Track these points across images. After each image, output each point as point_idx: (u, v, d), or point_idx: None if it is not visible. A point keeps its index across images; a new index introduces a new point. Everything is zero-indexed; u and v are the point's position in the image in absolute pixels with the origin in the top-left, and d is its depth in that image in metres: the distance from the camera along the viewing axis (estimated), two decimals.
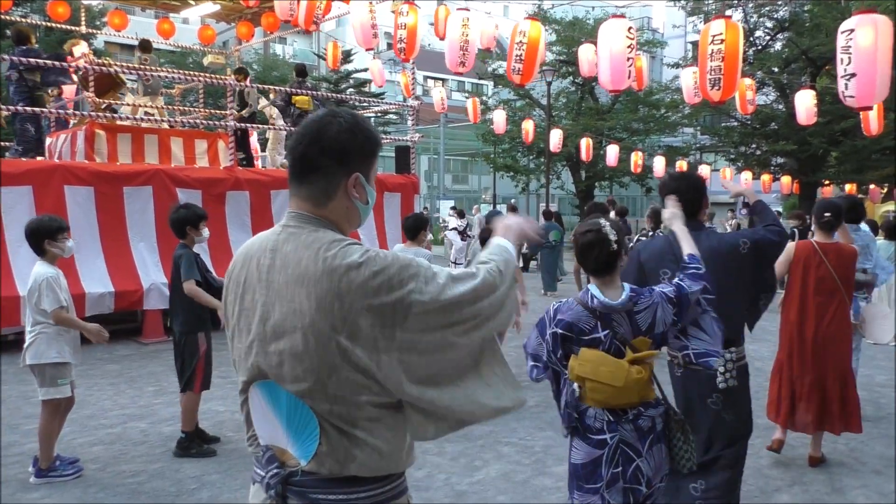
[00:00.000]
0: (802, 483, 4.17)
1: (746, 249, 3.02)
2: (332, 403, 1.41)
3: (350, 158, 1.51)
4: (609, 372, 2.37)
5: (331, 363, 1.39)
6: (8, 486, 4.09)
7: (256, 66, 30.95)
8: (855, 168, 19.31)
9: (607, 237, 2.45)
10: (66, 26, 13.52)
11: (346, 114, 1.54)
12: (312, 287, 1.39)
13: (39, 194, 7.79)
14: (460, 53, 7.96)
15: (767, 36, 21.10)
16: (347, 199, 1.52)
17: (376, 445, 1.44)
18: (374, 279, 1.37)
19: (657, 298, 2.44)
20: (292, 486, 1.45)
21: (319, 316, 1.38)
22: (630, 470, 2.40)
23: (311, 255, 1.42)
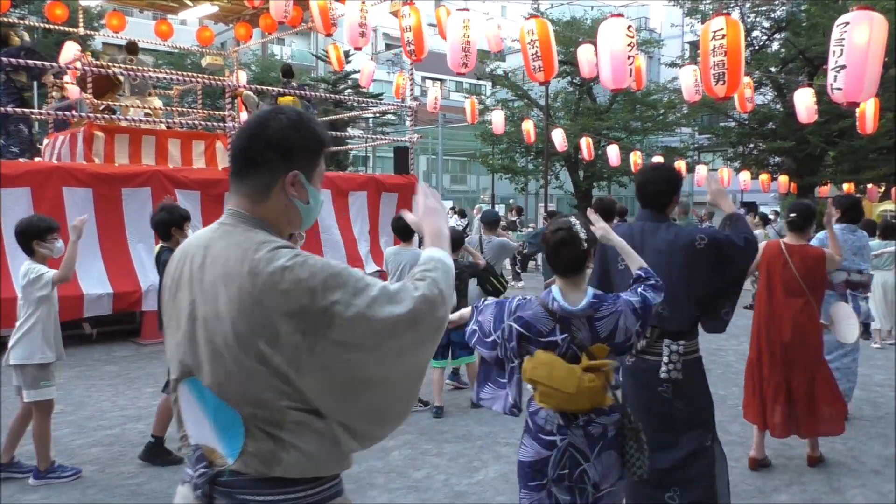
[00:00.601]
0: (801, 483, 4.18)
1: (703, 245, 2.96)
2: (254, 407, 1.37)
3: (291, 155, 1.46)
4: (562, 378, 2.33)
5: (250, 367, 1.35)
6: (8, 487, 4.09)
7: (255, 67, 30.94)
8: (852, 168, 19.34)
9: (577, 236, 2.42)
10: (64, 28, 13.51)
11: (292, 111, 1.51)
12: (235, 288, 1.35)
13: (38, 196, 7.78)
14: (462, 54, 7.98)
15: (764, 36, 21.14)
16: (286, 197, 1.48)
17: (303, 448, 1.39)
18: (297, 285, 1.32)
19: (622, 307, 2.40)
20: (219, 487, 1.41)
21: (241, 318, 1.34)
22: (576, 472, 2.39)
23: (238, 256, 1.37)
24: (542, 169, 22.37)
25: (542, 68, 7.56)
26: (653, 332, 3.02)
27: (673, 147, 24.97)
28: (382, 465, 4.39)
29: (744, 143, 22.43)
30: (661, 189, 3.10)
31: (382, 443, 5.00)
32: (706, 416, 3.13)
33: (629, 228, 3.16)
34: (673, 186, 3.12)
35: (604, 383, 2.36)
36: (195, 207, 8.91)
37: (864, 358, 7.36)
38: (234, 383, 1.37)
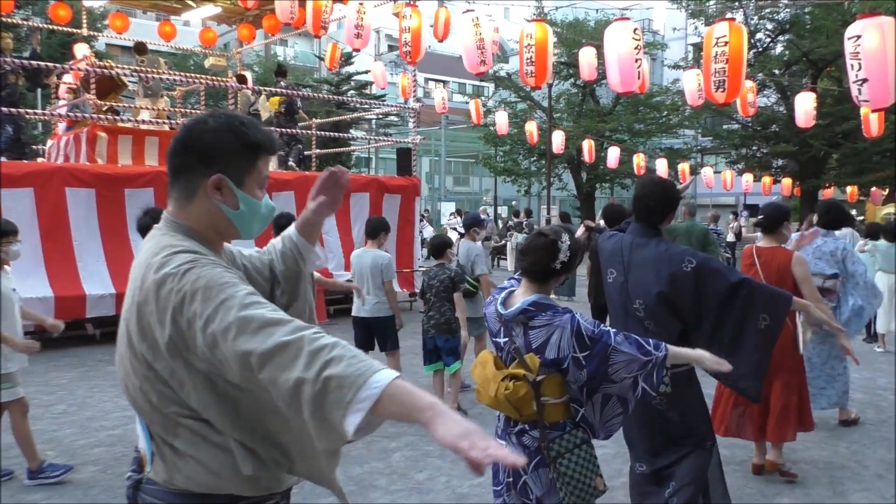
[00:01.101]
0: (804, 486, 4.16)
1: (689, 269, 2.85)
2: (150, 412, 1.36)
3: (214, 159, 1.41)
4: (487, 379, 2.34)
5: (138, 370, 1.35)
6: (9, 487, 4.09)
7: (258, 67, 30.96)
8: (856, 170, 19.31)
9: (555, 251, 2.35)
10: (67, 29, 13.54)
11: (222, 114, 1.46)
12: (134, 293, 1.35)
13: (40, 196, 7.80)
14: (478, 54, 7.94)
15: (768, 38, 21.12)
16: (209, 201, 1.42)
17: (201, 460, 1.34)
18: (172, 294, 1.27)
19: (561, 323, 2.26)
20: (142, 493, 1.42)
21: (132, 322, 1.34)
22: (519, 483, 2.34)
23: (143, 261, 1.37)
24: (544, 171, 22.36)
25: (534, 73, 7.56)
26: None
27: (676, 149, 24.94)
28: (384, 466, 4.39)
29: (747, 146, 22.41)
30: (653, 206, 3.03)
31: (384, 444, 5.01)
32: (702, 425, 3.12)
33: (619, 241, 3.12)
34: (668, 205, 3.05)
35: (528, 394, 2.25)
36: None
37: (868, 361, 7.35)
38: (131, 386, 1.37)
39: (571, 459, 2.28)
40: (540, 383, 2.27)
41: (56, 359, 7.29)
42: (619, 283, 3.06)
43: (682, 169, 20.94)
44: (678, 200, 3.13)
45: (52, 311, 7.52)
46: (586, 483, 2.29)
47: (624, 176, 23.84)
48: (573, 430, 2.34)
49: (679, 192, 3.20)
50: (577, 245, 2.43)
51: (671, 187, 3.14)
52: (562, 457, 2.27)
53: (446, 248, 5.78)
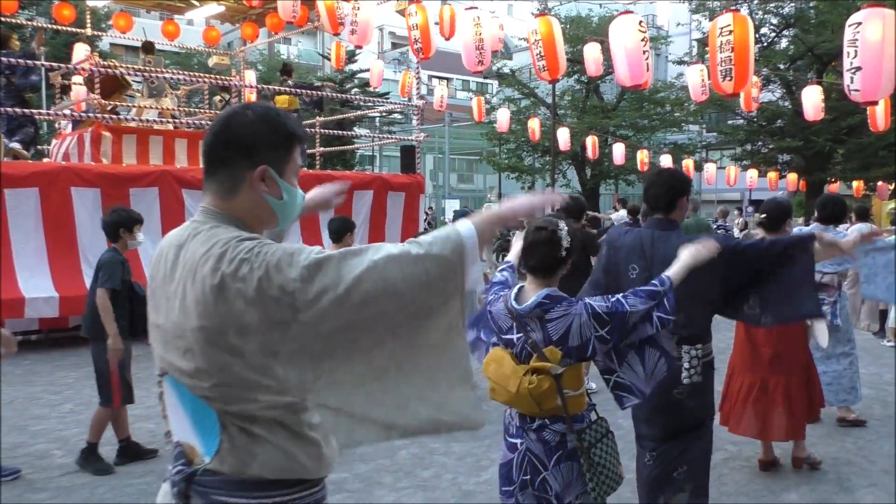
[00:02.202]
0: (810, 482, 4.15)
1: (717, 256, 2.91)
2: (226, 402, 1.35)
3: (255, 151, 1.44)
4: (506, 376, 2.33)
5: (221, 362, 1.33)
6: (16, 486, 4.10)
7: (261, 66, 31.00)
8: (861, 165, 19.23)
9: (559, 240, 2.37)
10: (71, 29, 13.57)
11: (258, 106, 1.48)
12: (200, 283, 1.33)
13: (45, 196, 7.82)
14: (476, 52, 7.96)
15: (773, 33, 21.05)
16: (255, 193, 1.45)
17: (279, 444, 1.35)
18: (255, 272, 1.28)
19: (577, 311, 2.30)
20: (195, 486, 1.39)
21: (207, 313, 1.32)
22: (538, 480, 2.34)
23: (203, 252, 1.35)
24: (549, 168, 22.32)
25: (547, 68, 7.56)
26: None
27: (680, 145, 24.88)
28: (390, 463, 4.39)
29: (752, 141, 22.34)
30: (660, 193, 3.07)
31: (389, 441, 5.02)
32: (709, 410, 3.18)
33: (638, 235, 3.13)
34: (675, 189, 3.07)
35: (550, 388, 2.27)
36: None
37: (875, 356, 7.32)
38: (204, 380, 1.35)
39: (602, 449, 2.33)
40: (561, 375, 2.28)
41: (61, 358, 7.31)
42: (643, 278, 3.02)
43: (686, 165, 20.89)
44: (686, 186, 3.14)
45: (57, 310, 7.56)
46: (613, 471, 2.35)
47: (628, 172, 23.79)
48: (597, 420, 2.39)
49: (688, 180, 3.22)
50: (574, 230, 2.45)
51: (677, 173, 3.20)
52: (594, 447, 2.31)
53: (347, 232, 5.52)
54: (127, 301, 4.39)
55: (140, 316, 4.39)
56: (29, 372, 6.88)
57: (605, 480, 2.32)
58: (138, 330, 4.48)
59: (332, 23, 9.01)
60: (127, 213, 4.60)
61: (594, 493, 2.30)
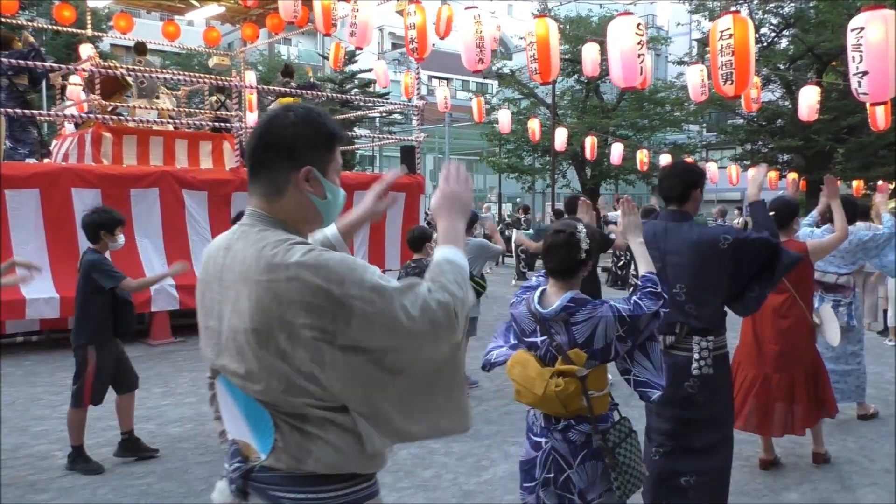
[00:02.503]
0: (811, 481, 4.15)
1: (727, 245, 3.00)
2: (277, 403, 1.39)
3: (298, 152, 1.46)
4: (531, 378, 2.36)
5: (270, 364, 1.36)
6: (17, 487, 4.11)
7: (261, 67, 31.02)
8: (862, 164, 19.23)
9: (577, 242, 2.39)
10: (72, 29, 13.57)
11: (299, 108, 1.51)
12: (253, 286, 1.36)
13: (46, 197, 7.82)
14: (477, 51, 7.96)
15: (773, 33, 21.05)
16: (300, 194, 1.47)
17: (331, 441, 1.39)
18: (313, 280, 1.32)
19: (603, 313, 2.33)
20: (253, 482, 1.43)
21: (259, 316, 1.35)
22: (561, 479, 2.38)
23: (255, 254, 1.38)
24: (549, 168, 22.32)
25: (539, 71, 7.59)
26: (681, 328, 3.08)
27: (680, 145, 24.87)
28: (390, 463, 4.35)
29: (752, 141, 22.34)
30: (674, 184, 3.17)
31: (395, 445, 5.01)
32: (726, 414, 3.20)
33: (652, 227, 3.21)
34: (687, 181, 3.16)
35: (576, 390, 2.30)
36: (203, 207, 8.94)
37: (876, 355, 7.32)
38: (255, 381, 1.39)
39: (626, 448, 2.38)
40: (586, 377, 2.32)
41: (62, 359, 7.29)
42: (657, 268, 3.06)
43: None
44: (699, 179, 3.22)
45: (58, 311, 7.56)
46: (637, 470, 2.40)
47: (628, 172, 23.80)
48: (620, 420, 2.44)
49: (702, 172, 3.32)
50: (593, 231, 2.49)
51: (690, 166, 3.33)
52: (618, 446, 2.36)
53: (425, 241, 5.61)
54: (110, 303, 4.41)
55: (124, 317, 4.45)
56: (30, 373, 6.89)
57: (629, 479, 2.36)
58: (123, 331, 4.55)
59: (325, 23, 9.00)
60: (108, 213, 4.52)
61: (619, 492, 2.35)
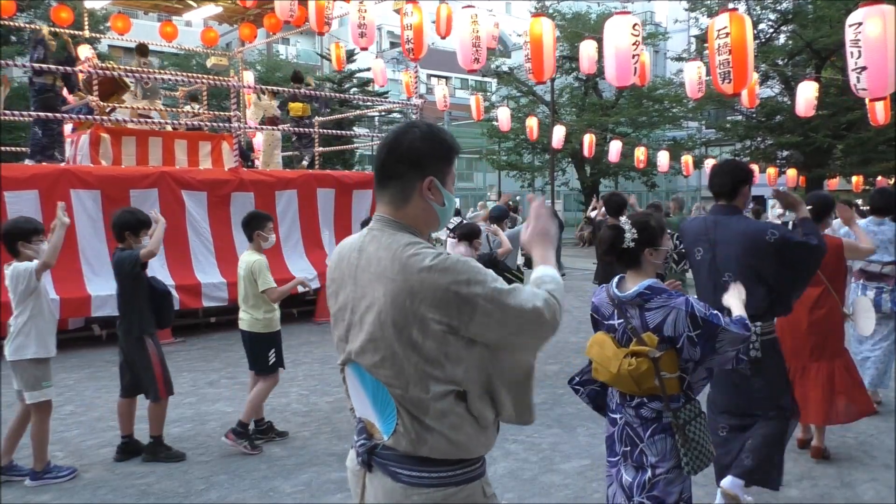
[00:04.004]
0: (811, 477, 4.16)
1: (773, 239, 3.21)
2: (404, 390, 1.57)
3: (423, 164, 1.65)
4: (607, 357, 2.55)
5: (403, 353, 1.55)
6: (18, 488, 4.12)
7: (259, 67, 30.99)
8: (861, 160, 19.23)
9: (621, 236, 2.60)
10: (69, 31, 13.57)
11: (423, 124, 1.71)
12: (389, 284, 1.55)
13: (46, 198, 7.82)
14: (473, 50, 7.97)
15: (771, 28, 21.03)
16: (423, 201, 1.66)
17: (445, 433, 1.57)
18: (443, 279, 1.51)
19: (676, 304, 2.47)
20: (376, 457, 1.65)
21: (394, 310, 1.54)
22: (636, 451, 2.56)
23: (389, 256, 1.58)
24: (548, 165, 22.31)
25: (532, 70, 7.62)
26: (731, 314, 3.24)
27: (679, 141, 24.85)
28: None
29: (751, 137, 22.33)
30: (724, 181, 3.41)
31: None
32: (784, 396, 3.44)
33: (703, 221, 3.48)
34: (737, 178, 3.40)
35: (648, 369, 2.47)
36: (202, 208, 8.94)
37: None
38: (387, 368, 1.58)
39: (696, 427, 2.54)
40: (658, 359, 2.48)
41: (63, 360, 7.31)
42: (706, 259, 3.38)
43: (685, 161, 20.87)
44: (748, 176, 3.48)
45: (58, 313, 7.54)
46: (706, 447, 2.54)
47: (627, 169, 23.80)
48: (689, 401, 2.58)
49: (750, 170, 3.58)
50: (644, 221, 2.66)
51: (739, 164, 3.61)
52: (689, 424, 2.52)
53: (476, 236, 5.67)
54: (148, 295, 4.54)
55: (164, 309, 4.60)
56: None
57: (698, 455, 2.51)
58: (164, 322, 4.68)
59: (318, 22, 9.00)
60: (134, 216, 4.61)
61: (687, 468, 2.50)
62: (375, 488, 1.66)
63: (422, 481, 1.59)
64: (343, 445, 4.75)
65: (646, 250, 2.59)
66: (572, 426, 5.08)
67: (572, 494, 3.95)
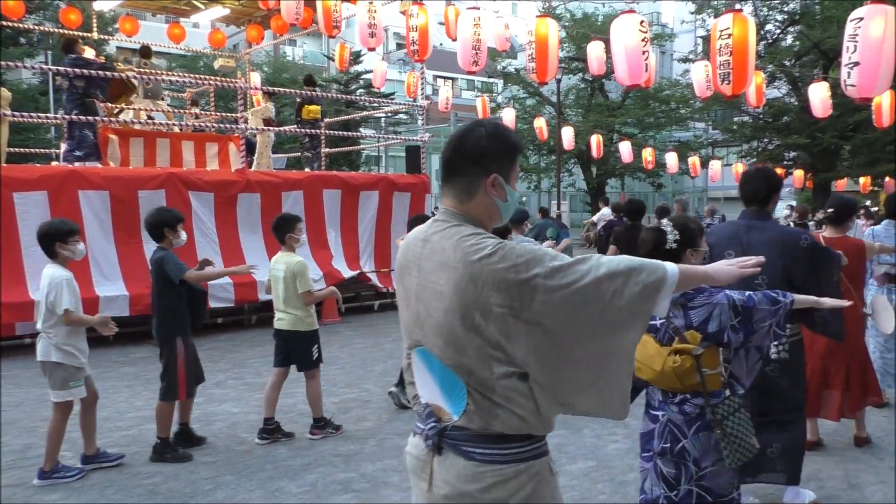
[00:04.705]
0: (818, 479, 4.14)
1: (806, 245, 3.38)
2: (469, 372, 1.63)
3: (488, 161, 1.72)
4: (650, 356, 2.64)
5: (467, 337, 1.61)
6: (27, 488, 4.14)
7: (266, 68, 31.08)
8: (868, 161, 19.13)
9: (663, 237, 2.71)
10: (78, 33, 13.65)
11: (489, 123, 1.78)
12: (451, 272, 1.63)
13: (54, 199, 7.87)
14: (473, 53, 7.99)
15: (778, 29, 20.95)
16: (487, 197, 1.74)
17: (514, 410, 1.63)
18: (502, 264, 1.57)
19: (719, 300, 2.58)
20: (447, 439, 1.69)
21: (457, 297, 1.61)
22: (677, 447, 2.65)
23: (452, 245, 1.66)
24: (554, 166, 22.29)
25: (535, 70, 7.61)
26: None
27: (686, 142, 24.79)
28: (397, 463, 4.40)
29: (758, 138, 22.24)
30: (759, 187, 3.54)
31: (396, 441, 5.03)
32: (803, 394, 3.61)
33: (734, 226, 3.60)
34: (771, 185, 3.55)
35: (691, 366, 2.56)
36: (209, 208, 8.98)
37: None
38: (452, 351, 1.65)
39: (735, 421, 2.60)
40: (700, 356, 2.58)
41: None
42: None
43: (692, 162, 20.82)
44: (780, 183, 3.65)
45: None
46: (747, 441, 2.61)
47: (634, 170, 23.73)
48: (730, 396, 2.65)
49: (780, 177, 3.78)
50: (684, 222, 2.75)
51: (771, 172, 3.74)
52: (727, 419, 2.59)
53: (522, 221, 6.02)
54: (186, 295, 4.63)
55: (198, 309, 4.74)
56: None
57: (738, 449, 2.58)
58: (198, 322, 4.81)
59: (327, 25, 9.03)
60: (169, 212, 4.76)
61: (728, 460, 2.57)
62: (446, 470, 1.69)
63: (494, 458, 1.65)
64: (349, 446, 4.77)
65: (687, 251, 2.71)
66: (578, 427, 5.07)
67: (578, 496, 3.95)
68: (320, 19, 9.13)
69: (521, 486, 1.66)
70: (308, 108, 11.82)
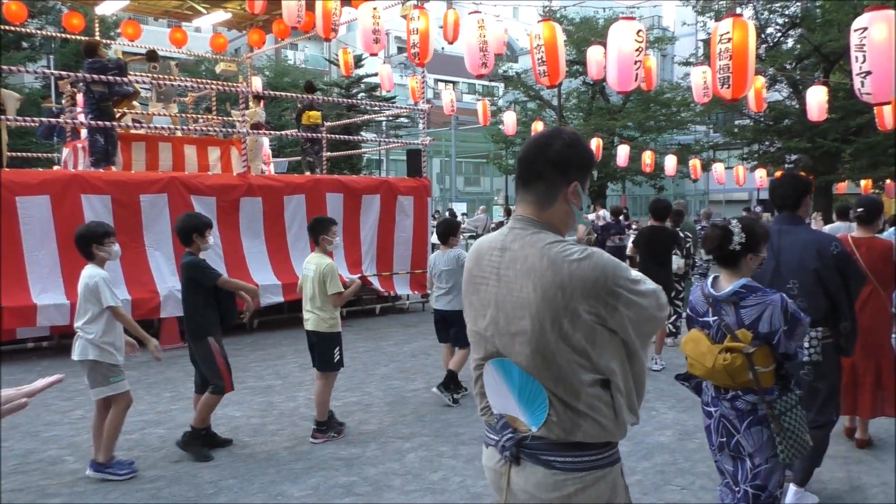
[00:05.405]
0: (820, 481, 4.14)
1: (836, 251, 3.43)
2: (556, 381, 1.65)
3: (569, 169, 1.74)
4: (702, 353, 2.70)
5: (555, 345, 1.63)
6: (29, 492, 4.15)
7: (268, 72, 31.14)
8: (870, 164, 19.12)
9: (729, 237, 2.72)
10: (81, 37, 13.70)
11: (569, 132, 1.80)
12: (538, 279, 1.63)
13: (57, 204, 7.88)
14: (480, 55, 7.99)
15: (779, 32, 20.96)
16: (566, 204, 1.76)
17: (597, 418, 1.66)
18: (592, 273, 1.60)
19: (773, 301, 2.62)
20: (525, 449, 1.70)
21: (545, 304, 1.62)
22: (732, 442, 2.73)
23: (537, 253, 1.66)
24: None
25: (547, 73, 7.62)
26: None
27: (687, 145, 24.78)
28: (399, 466, 4.41)
29: (759, 141, 22.24)
30: (787, 193, 3.59)
31: (398, 444, 5.03)
32: (838, 396, 3.67)
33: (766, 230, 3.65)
34: (797, 190, 3.59)
35: (742, 364, 2.60)
36: (211, 213, 8.98)
37: None
38: (539, 359, 1.65)
39: (792, 417, 2.66)
40: (752, 354, 2.61)
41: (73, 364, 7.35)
42: (770, 266, 3.50)
43: (693, 165, 20.81)
44: (809, 187, 3.68)
45: (68, 317, 7.61)
46: (802, 437, 2.66)
47: (634, 173, 23.73)
48: (786, 392, 2.70)
49: (810, 182, 3.78)
50: (751, 226, 2.77)
51: (799, 177, 3.79)
52: (784, 415, 2.64)
53: (449, 235, 6.04)
54: (215, 297, 4.70)
55: (228, 310, 4.80)
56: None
57: (793, 444, 2.63)
58: (228, 323, 4.86)
59: (325, 28, 9.06)
60: (197, 217, 4.83)
61: (783, 455, 2.63)
62: (525, 480, 1.70)
63: (575, 466, 1.67)
64: (351, 450, 4.77)
65: (748, 255, 2.73)
66: None
67: None
68: (318, 23, 9.16)
69: (600, 493, 1.69)
70: (308, 114, 11.86)
